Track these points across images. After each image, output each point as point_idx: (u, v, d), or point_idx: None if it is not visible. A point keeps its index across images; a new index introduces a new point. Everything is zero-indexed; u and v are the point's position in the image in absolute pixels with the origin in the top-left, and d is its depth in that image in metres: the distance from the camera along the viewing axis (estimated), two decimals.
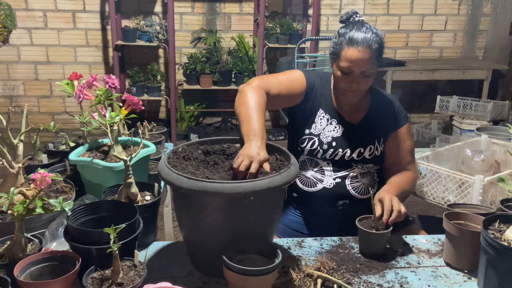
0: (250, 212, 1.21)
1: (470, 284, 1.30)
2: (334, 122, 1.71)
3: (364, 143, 1.70)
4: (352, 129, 1.71)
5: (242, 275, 1.12)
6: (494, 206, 1.73)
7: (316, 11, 4.43)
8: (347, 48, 1.57)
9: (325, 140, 1.69)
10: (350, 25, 1.61)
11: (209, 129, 4.64)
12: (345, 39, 1.58)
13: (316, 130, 1.71)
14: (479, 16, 4.98)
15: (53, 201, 1.20)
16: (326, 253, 1.44)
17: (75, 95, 1.69)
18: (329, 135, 1.70)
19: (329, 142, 1.69)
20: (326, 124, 1.71)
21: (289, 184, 1.23)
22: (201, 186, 1.15)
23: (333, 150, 1.69)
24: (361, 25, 1.60)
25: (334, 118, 1.72)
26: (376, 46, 1.57)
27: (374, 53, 1.57)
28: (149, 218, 1.43)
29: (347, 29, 1.60)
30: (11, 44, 4.38)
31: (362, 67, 1.58)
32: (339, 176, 1.70)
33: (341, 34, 1.61)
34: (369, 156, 1.70)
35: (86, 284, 1.12)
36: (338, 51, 1.60)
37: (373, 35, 1.57)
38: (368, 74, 1.60)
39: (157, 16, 4.49)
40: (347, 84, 1.62)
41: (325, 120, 1.72)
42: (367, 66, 1.58)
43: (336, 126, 1.71)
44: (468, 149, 2.03)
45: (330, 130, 1.70)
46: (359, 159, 1.70)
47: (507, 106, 4.27)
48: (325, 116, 1.72)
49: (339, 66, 1.61)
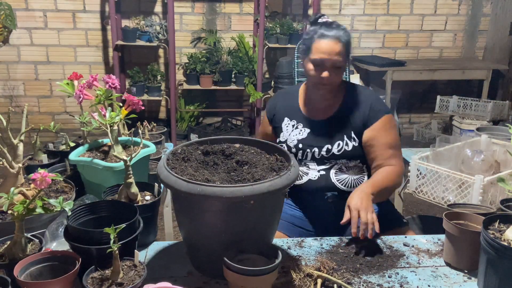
0: (250, 215, 1.21)
1: (470, 284, 1.30)
2: (300, 125, 1.82)
3: (331, 140, 1.76)
4: (319, 127, 1.79)
5: (242, 275, 1.12)
6: (494, 206, 1.73)
7: (316, 11, 4.43)
8: (318, 41, 1.69)
9: (292, 144, 1.81)
10: (319, 24, 1.73)
11: (209, 129, 4.64)
12: (316, 34, 1.70)
13: (283, 137, 1.84)
14: (479, 16, 4.98)
15: (53, 201, 1.20)
16: (326, 253, 1.44)
17: (75, 95, 1.69)
18: (295, 139, 1.81)
19: (295, 145, 1.80)
20: (292, 130, 1.83)
21: (289, 187, 1.23)
22: (200, 190, 1.14)
23: (301, 152, 1.79)
24: (330, 23, 1.73)
25: (300, 122, 1.82)
26: (346, 39, 1.69)
27: (343, 47, 1.68)
28: (149, 218, 1.43)
29: (317, 27, 1.73)
30: (11, 44, 4.38)
31: (333, 57, 1.67)
32: (323, 168, 1.77)
33: (311, 31, 1.74)
34: (338, 152, 1.75)
35: (86, 284, 1.12)
36: (309, 45, 1.71)
37: (342, 30, 1.70)
38: (338, 65, 1.69)
39: (157, 16, 4.49)
40: (318, 76, 1.70)
41: (290, 126, 1.84)
42: (337, 56, 1.68)
43: (301, 130, 1.81)
44: (468, 149, 2.03)
45: (296, 134, 1.81)
46: (329, 156, 1.75)
47: (507, 106, 4.27)
48: (291, 122, 1.84)
49: (310, 59, 1.70)
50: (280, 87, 4.41)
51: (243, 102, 4.88)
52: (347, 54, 1.72)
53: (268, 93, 4.52)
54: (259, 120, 4.55)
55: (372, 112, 1.75)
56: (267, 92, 4.51)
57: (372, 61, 4.46)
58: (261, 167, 1.32)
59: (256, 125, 4.56)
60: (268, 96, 4.51)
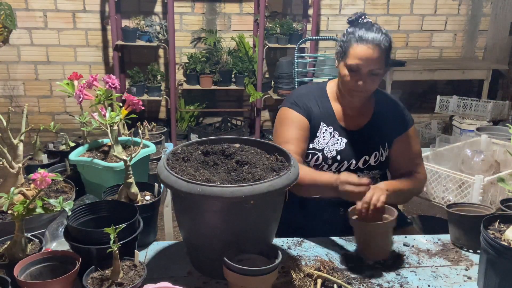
0: (250, 215, 1.21)
1: (470, 284, 1.30)
2: (337, 134, 1.69)
3: (369, 150, 1.68)
4: (355, 137, 1.69)
5: (242, 275, 1.12)
6: (494, 206, 1.73)
7: (316, 11, 4.43)
8: (356, 45, 1.55)
9: (329, 155, 1.67)
10: (359, 25, 1.59)
11: (209, 129, 4.64)
12: (354, 37, 1.56)
13: (319, 145, 1.68)
14: (479, 16, 4.98)
15: (53, 201, 1.20)
16: (326, 253, 1.44)
17: (75, 95, 1.69)
18: (333, 149, 1.67)
19: (333, 157, 1.67)
20: (330, 138, 1.68)
21: (289, 187, 1.23)
22: (200, 190, 1.14)
23: (338, 164, 1.67)
24: (371, 25, 1.59)
25: (336, 130, 1.69)
26: (386, 45, 1.56)
27: (383, 53, 1.56)
28: (149, 218, 1.43)
29: (356, 28, 1.58)
30: (11, 44, 4.39)
31: (371, 65, 1.55)
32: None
33: (349, 32, 1.59)
34: (375, 162, 1.68)
35: (86, 284, 1.12)
36: (346, 49, 1.58)
37: (383, 35, 1.56)
38: (376, 73, 1.57)
39: (157, 16, 4.49)
40: (353, 83, 1.58)
41: (328, 133, 1.69)
42: (375, 64, 1.55)
43: (339, 139, 1.68)
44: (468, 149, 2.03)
45: (333, 144, 1.68)
46: (365, 167, 1.68)
47: (507, 106, 4.27)
48: (328, 129, 1.69)
49: (346, 64, 1.58)
50: (280, 87, 4.41)
51: (243, 102, 4.88)
52: (386, 60, 1.59)
53: (268, 93, 4.52)
54: (259, 120, 4.55)
55: (403, 121, 1.70)
56: (267, 92, 4.51)
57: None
58: (261, 167, 1.32)
59: (256, 125, 4.56)
60: (268, 96, 4.51)
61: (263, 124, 4.88)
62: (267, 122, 5.00)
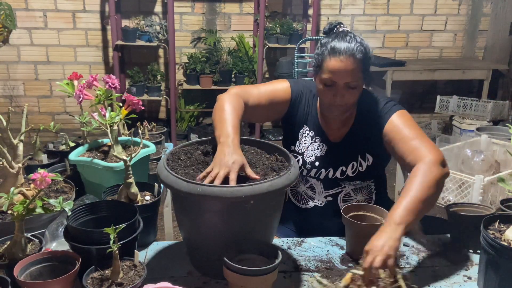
0: (250, 215, 1.21)
1: (470, 284, 1.30)
2: (318, 140, 1.64)
3: (346, 161, 1.61)
4: (334, 148, 1.63)
5: (242, 275, 1.12)
6: (494, 206, 1.73)
7: (316, 11, 4.43)
8: (328, 59, 1.46)
9: (308, 159, 1.64)
10: (333, 35, 1.51)
11: (209, 129, 4.64)
12: (327, 49, 1.47)
13: (300, 148, 1.66)
14: (479, 16, 4.98)
15: (53, 201, 1.20)
16: (326, 254, 1.44)
17: (75, 95, 1.69)
18: (313, 155, 1.64)
19: (312, 162, 1.64)
20: (310, 143, 1.64)
21: (289, 187, 1.23)
22: (200, 190, 1.14)
23: (316, 170, 1.63)
24: (344, 34, 1.49)
25: (318, 135, 1.64)
26: (360, 55, 1.46)
27: (357, 63, 1.46)
28: (149, 218, 1.43)
29: (329, 39, 1.50)
30: (11, 44, 4.39)
31: (345, 78, 1.46)
32: (330, 194, 1.65)
33: (323, 44, 1.51)
34: (352, 173, 1.61)
35: (86, 284, 1.12)
36: (320, 62, 1.50)
37: (357, 44, 1.46)
38: (353, 86, 1.48)
39: (157, 16, 4.49)
40: (330, 97, 1.50)
41: (309, 138, 1.65)
42: (350, 77, 1.46)
43: (320, 145, 1.64)
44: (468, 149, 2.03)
45: (313, 149, 1.64)
46: (343, 178, 1.62)
47: (507, 106, 4.27)
48: (309, 133, 1.65)
49: (321, 78, 1.50)
50: None
51: None
52: (364, 70, 1.49)
53: None
54: None
55: (382, 116, 1.56)
56: None
57: (372, 61, 4.45)
58: (261, 167, 1.32)
59: (256, 125, 4.56)
60: None
61: (263, 124, 4.88)
62: (267, 122, 5.00)
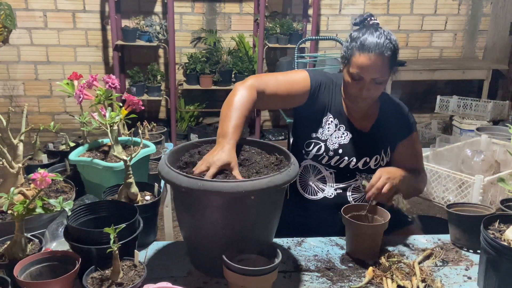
0: (250, 211, 1.21)
1: (470, 284, 1.30)
2: (343, 128, 1.66)
3: (371, 152, 1.66)
4: (361, 137, 1.66)
5: (242, 275, 1.12)
6: (494, 206, 1.73)
7: (316, 11, 4.43)
8: (358, 54, 1.50)
9: (332, 147, 1.65)
10: (364, 29, 1.54)
11: (209, 129, 4.64)
12: (356, 44, 1.51)
13: (323, 135, 1.66)
14: (479, 16, 4.98)
15: (53, 201, 1.20)
16: (326, 254, 1.44)
17: (75, 95, 1.69)
18: (336, 142, 1.65)
19: (335, 149, 1.64)
20: (334, 130, 1.66)
21: (289, 183, 1.23)
22: (201, 185, 1.15)
23: (338, 158, 1.64)
24: (374, 29, 1.52)
25: (343, 123, 1.66)
26: (389, 53, 1.50)
27: (386, 60, 1.50)
28: (149, 218, 1.43)
29: (359, 33, 1.53)
30: (11, 44, 4.38)
31: (373, 74, 1.51)
32: (340, 187, 1.67)
33: (353, 38, 1.54)
34: (375, 166, 1.66)
35: (86, 284, 1.12)
36: (349, 56, 1.54)
37: (386, 40, 1.49)
38: (380, 81, 1.53)
39: (157, 16, 4.49)
40: (357, 90, 1.55)
41: (333, 125, 1.66)
42: (378, 73, 1.51)
43: (344, 133, 1.66)
44: (468, 149, 2.03)
45: (337, 137, 1.65)
46: (364, 169, 1.66)
47: (507, 106, 4.27)
48: (334, 121, 1.66)
49: (349, 72, 1.55)
50: None
51: None
52: (391, 66, 1.54)
53: None
54: (259, 120, 4.54)
55: (407, 126, 1.69)
56: None
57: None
58: (261, 167, 1.32)
59: (256, 125, 4.56)
60: None
61: (263, 124, 4.88)
62: (267, 122, 5.01)
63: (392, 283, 1.25)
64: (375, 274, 1.29)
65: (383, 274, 1.29)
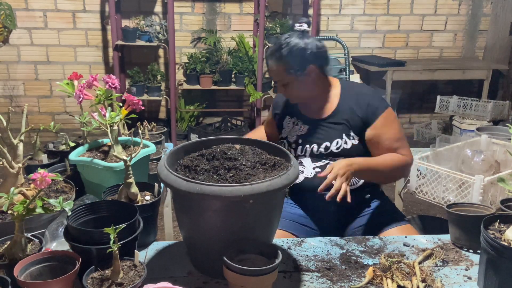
0: (249, 214, 1.21)
1: (470, 284, 1.30)
2: (300, 122, 1.83)
3: (330, 137, 1.75)
4: (317, 125, 1.79)
5: (242, 275, 1.12)
6: (494, 206, 1.73)
7: (316, 11, 4.44)
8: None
9: (292, 139, 1.83)
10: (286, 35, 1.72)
11: (209, 129, 4.64)
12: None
13: (284, 133, 1.87)
14: (479, 16, 4.98)
15: (53, 201, 1.20)
16: (326, 254, 1.44)
17: (75, 95, 1.69)
18: (295, 135, 1.82)
19: (295, 141, 1.82)
20: (292, 127, 1.84)
21: (288, 187, 1.23)
22: (199, 189, 1.14)
23: (301, 147, 1.80)
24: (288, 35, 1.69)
25: (299, 119, 1.84)
26: (284, 59, 1.65)
27: (282, 64, 1.67)
28: (149, 218, 1.43)
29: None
30: (11, 44, 4.39)
31: (275, 77, 1.74)
32: (318, 165, 1.76)
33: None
34: (337, 149, 1.74)
35: (86, 284, 1.12)
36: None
37: (283, 45, 1.66)
38: (284, 83, 1.71)
39: (157, 16, 4.49)
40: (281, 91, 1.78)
41: (291, 123, 1.86)
42: (277, 76, 1.71)
43: (301, 126, 1.82)
44: (468, 149, 2.03)
45: (295, 130, 1.83)
46: (327, 153, 1.75)
47: (507, 106, 4.27)
48: (291, 120, 1.86)
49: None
50: None
51: (243, 102, 4.88)
52: (295, 68, 1.66)
53: (268, 93, 4.52)
54: (259, 120, 4.55)
55: (371, 110, 1.72)
56: (267, 92, 4.51)
57: (372, 61, 4.46)
58: (261, 167, 1.32)
59: (256, 125, 4.56)
60: (268, 96, 4.52)
61: None
62: None
63: (392, 283, 1.25)
64: (375, 274, 1.30)
65: (383, 274, 1.29)
